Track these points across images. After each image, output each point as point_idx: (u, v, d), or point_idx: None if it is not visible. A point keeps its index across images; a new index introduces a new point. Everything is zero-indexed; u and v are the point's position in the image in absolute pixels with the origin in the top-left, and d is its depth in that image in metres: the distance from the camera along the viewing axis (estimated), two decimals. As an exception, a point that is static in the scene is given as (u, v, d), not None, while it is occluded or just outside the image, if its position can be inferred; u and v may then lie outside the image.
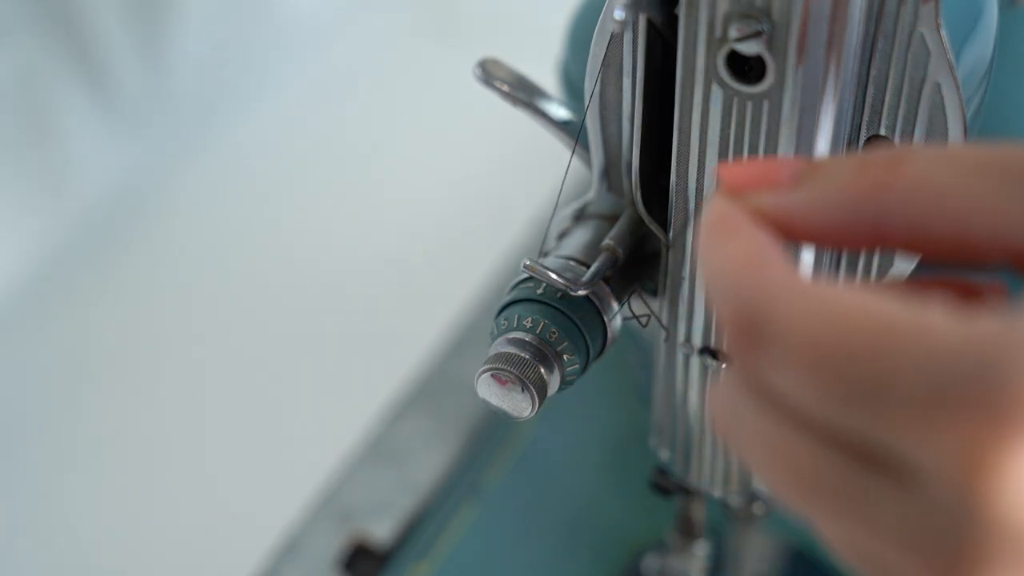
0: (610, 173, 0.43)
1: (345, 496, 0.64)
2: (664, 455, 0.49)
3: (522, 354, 0.40)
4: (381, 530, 0.63)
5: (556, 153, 0.45)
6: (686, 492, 0.52)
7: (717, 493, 0.49)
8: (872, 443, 0.23)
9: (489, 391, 0.40)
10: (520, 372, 0.40)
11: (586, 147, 0.44)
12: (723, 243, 0.25)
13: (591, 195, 0.46)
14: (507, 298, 0.42)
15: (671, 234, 0.41)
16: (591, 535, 0.67)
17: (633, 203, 0.42)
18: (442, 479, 0.67)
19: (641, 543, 0.67)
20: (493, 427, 0.71)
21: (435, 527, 0.65)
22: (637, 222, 0.43)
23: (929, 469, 0.22)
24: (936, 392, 0.21)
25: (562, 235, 0.46)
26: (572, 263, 0.42)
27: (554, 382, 0.41)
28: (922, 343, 0.22)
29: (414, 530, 0.65)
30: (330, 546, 0.62)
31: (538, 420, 0.74)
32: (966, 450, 0.21)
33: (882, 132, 0.36)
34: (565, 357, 0.41)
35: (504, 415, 0.41)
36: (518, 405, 0.40)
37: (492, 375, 0.40)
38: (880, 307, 0.22)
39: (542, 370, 0.40)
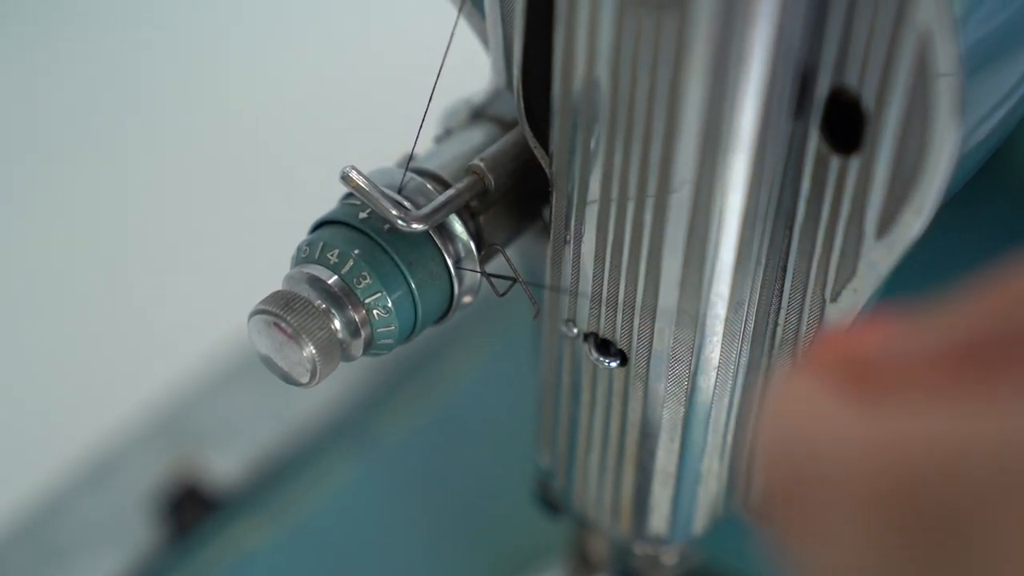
0: (511, 59, 0.36)
1: (185, 414, 0.58)
2: (545, 460, 0.43)
3: (312, 300, 0.33)
4: (221, 466, 0.58)
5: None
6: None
7: (605, 527, 0.43)
8: None
9: (261, 339, 0.34)
10: (300, 324, 0.33)
11: (483, 14, 0.36)
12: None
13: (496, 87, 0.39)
14: (324, 215, 0.36)
15: (553, 167, 0.34)
16: (496, 530, 0.61)
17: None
18: (324, 414, 0.61)
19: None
20: (411, 356, 0.65)
21: (295, 474, 0.59)
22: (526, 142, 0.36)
23: None
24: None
25: (443, 136, 0.39)
26: (431, 183, 0.36)
27: (354, 347, 0.34)
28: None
29: (267, 475, 0.59)
30: (149, 478, 0.57)
31: (475, 361, 0.68)
32: None
33: (848, 83, 0.28)
34: (375, 315, 0.34)
35: (281, 376, 0.35)
36: (295, 368, 0.34)
37: (266, 320, 0.34)
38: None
39: (335, 327, 0.34)
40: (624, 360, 0.36)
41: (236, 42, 0.95)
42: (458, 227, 0.35)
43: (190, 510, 0.57)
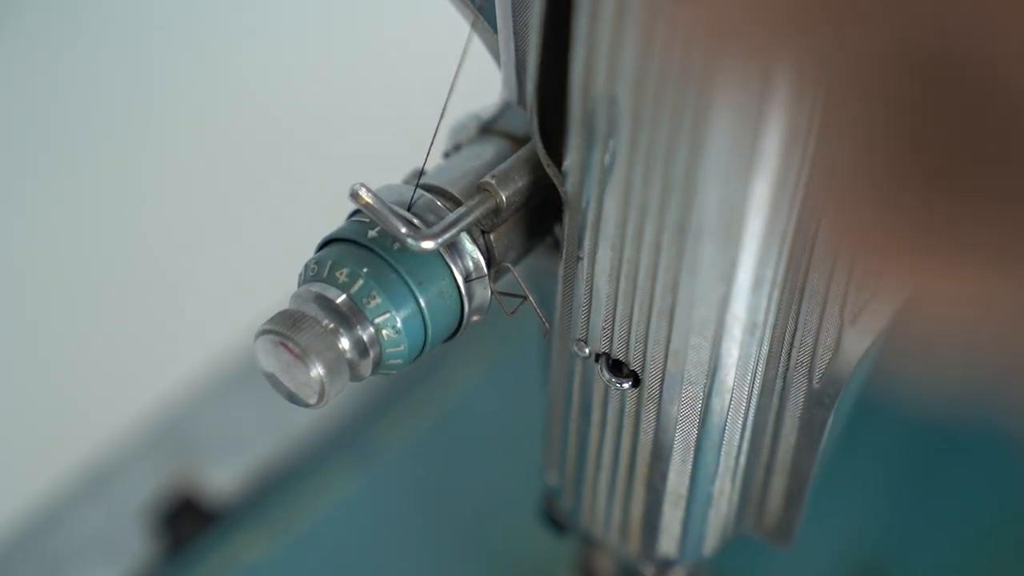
0: (523, 76, 0.36)
1: (182, 425, 0.58)
2: (553, 478, 0.42)
3: (320, 319, 0.33)
4: (218, 479, 0.57)
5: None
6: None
7: (613, 545, 0.42)
8: None
9: (268, 359, 0.34)
10: (307, 344, 0.32)
11: (495, 28, 0.36)
12: None
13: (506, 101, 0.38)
14: (332, 232, 0.35)
15: (566, 186, 0.33)
16: (497, 543, 0.60)
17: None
18: (323, 425, 0.61)
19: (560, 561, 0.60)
20: (412, 366, 0.64)
21: (294, 487, 0.59)
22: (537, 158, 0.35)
23: None
24: None
25: (451, 151, 0.38)
26: (441, 200, 0.35)
27: (363, 367, 0.34)
28: None
29: (265, 487, 0.58)
30: (146, 490, 0.56)
31: (475, 371, 0.67)
32: None
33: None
34: (384, 335, 0.33)
35: (287, 396, 0.34)
36: (301, 388, 0.33)
37: (273, 340, 0.33)
38: None
39: (344, 347, 0.33)
40: (637, 382, 0.35)
41: (248, 47, 0.95)
42: (468, 245, 0.35)
43: (187, 523, 0.57)
